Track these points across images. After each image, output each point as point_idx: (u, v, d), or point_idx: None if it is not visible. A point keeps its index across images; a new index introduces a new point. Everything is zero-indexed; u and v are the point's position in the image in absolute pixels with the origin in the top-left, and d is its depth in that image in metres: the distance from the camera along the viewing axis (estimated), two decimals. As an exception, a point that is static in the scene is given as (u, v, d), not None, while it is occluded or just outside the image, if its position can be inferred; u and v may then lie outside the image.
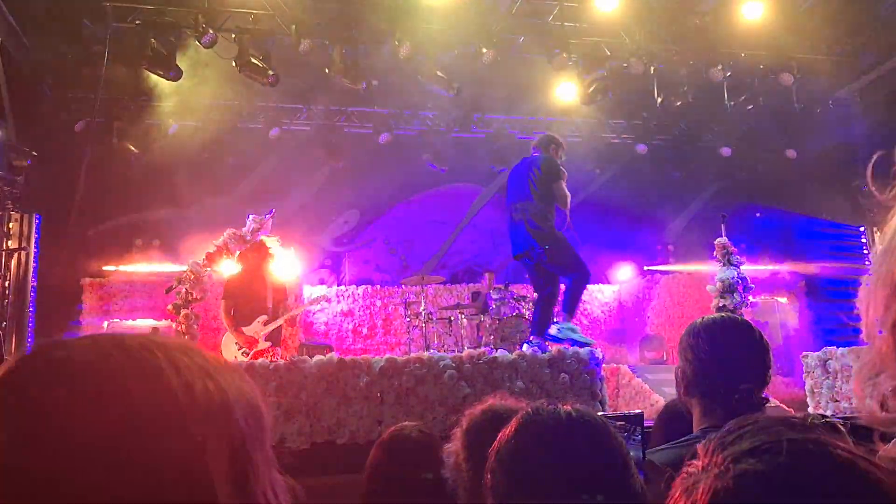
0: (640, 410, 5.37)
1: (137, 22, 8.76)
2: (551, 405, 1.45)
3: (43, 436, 0.57)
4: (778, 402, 7.63)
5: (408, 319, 9.39)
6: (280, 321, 6.67)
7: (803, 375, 7.59)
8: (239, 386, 0.69)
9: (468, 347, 7.63)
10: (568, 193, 6.30)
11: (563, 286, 6.48)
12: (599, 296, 11.73)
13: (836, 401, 7.11)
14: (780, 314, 11.07)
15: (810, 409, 7.33)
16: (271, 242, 6.98)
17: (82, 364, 0.62)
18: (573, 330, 6.32)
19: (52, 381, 0.60)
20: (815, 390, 7.40)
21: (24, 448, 0.56)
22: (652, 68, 9.95)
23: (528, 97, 10.99)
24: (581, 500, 1.27)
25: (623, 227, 12.06)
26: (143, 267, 10.22)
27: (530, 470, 1.34)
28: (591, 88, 10.05)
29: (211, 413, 0.64)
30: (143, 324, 9.36)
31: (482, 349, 6.05)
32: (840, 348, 7.31)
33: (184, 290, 7.42)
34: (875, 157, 0.66)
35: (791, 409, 7.81)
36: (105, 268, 10.15)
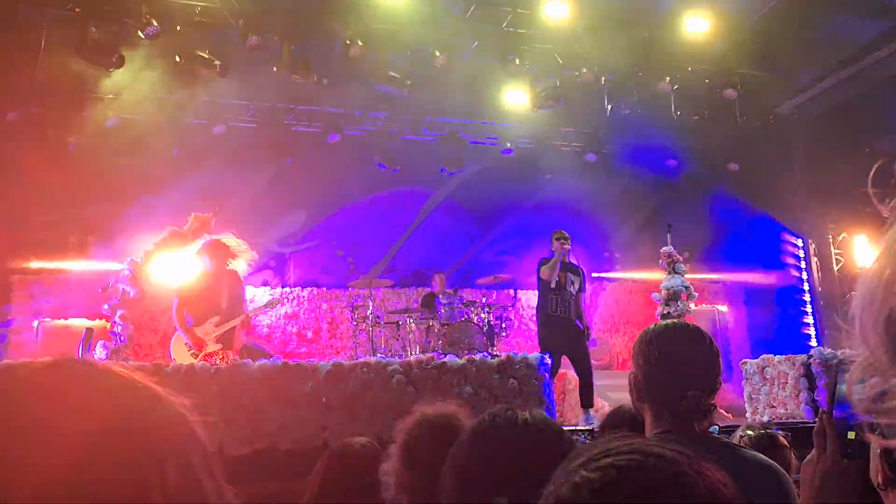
0: (593, 427, 5.41)
1: (77, 10, 8.41)
2: (509, 410, 1.43)
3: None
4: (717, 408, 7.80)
5: (354, 323, 9.26)
6: (233, 323, 6.48)
7: (742, 382, 7.79)
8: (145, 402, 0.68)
9: (417, 352, 7.56)
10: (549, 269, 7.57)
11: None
12: (546, 302, 11.81)
13: (773, 406, 7.31)
14: (720, 322, 11.36)
15: (748, 415, 7.52)
16: (231, 241, 6.79)
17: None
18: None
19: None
20: (754, 396, 7.61)
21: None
22: (603, 78, 10.10)
23: (480, 102, 11.00)
24: None
25: (571, 234, 12.16)
26: (77, 264, 9.80)
27: (482, 475, 1.32)
28: (543, 95, 10.15)
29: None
30: (77, 323, 8.97)
31: (431, 354, 5.98)
32: (777, 356, 7.53)
33: (121, 289, 7.16)
34: (876, 165, 0.64)
35: (729, 415, 7.99)
36: (36, 264, 9.70)
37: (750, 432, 3.20)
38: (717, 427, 2.22)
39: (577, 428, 6.16)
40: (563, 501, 0.70)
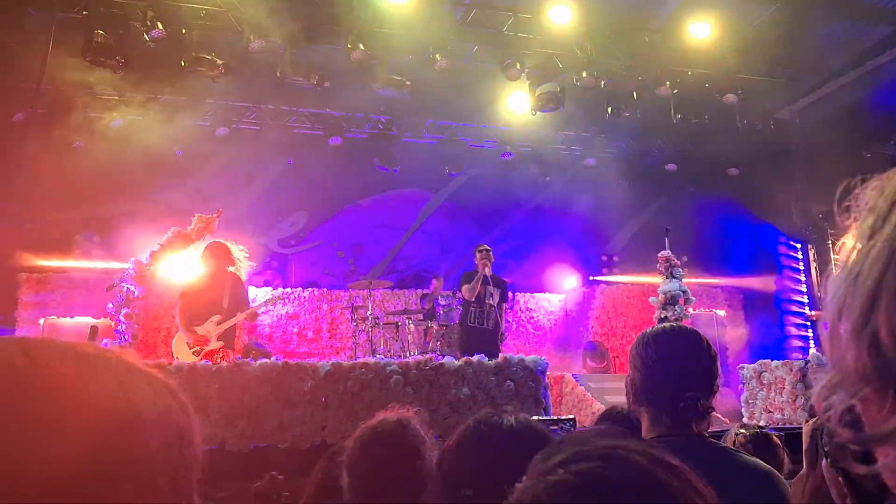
0: (572, 416, 5.47)
1: (85, 12, 8.51)
2: (494, 416, 1.45)
3: None
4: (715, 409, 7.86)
5: (354, 324, 9.32)
6: (234, 321, 6.56)
7: (739, 386, 7.84)
8: (162, 406, 0.65)
9: (415, 353, 7.63)
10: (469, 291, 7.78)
11: None
12: (546, 304, 11.82)
13: (770, 411, 7.37)
14: (718, 326, 11.40)
15: (745, 420, 7.57)
16: (236, 250, 6.89)
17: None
18: None
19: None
20: (750, 401, 7.66)
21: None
22: (602, 83, 10.14)
23: (480, 105, 11.07)
24: None
25: (570, 237, 12.26)
26: (83, 263, 9.91)
27: (468, 480, 1.34)
28: (543, 99, 10.20)
29: (112, 428, 0.59)
30: (82, 321, 9.08)
31: (429, 355, 6.05)
32: (774, 361, 7.58)
33: (126, 287, 7.25)
34: (843, 184, 0.63)
35: (726, 420, 8.03)
36: (43, 263, 9.81)
37: (744, 431, 3.22)
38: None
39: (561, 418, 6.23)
40: (541, 500, 0.67)
